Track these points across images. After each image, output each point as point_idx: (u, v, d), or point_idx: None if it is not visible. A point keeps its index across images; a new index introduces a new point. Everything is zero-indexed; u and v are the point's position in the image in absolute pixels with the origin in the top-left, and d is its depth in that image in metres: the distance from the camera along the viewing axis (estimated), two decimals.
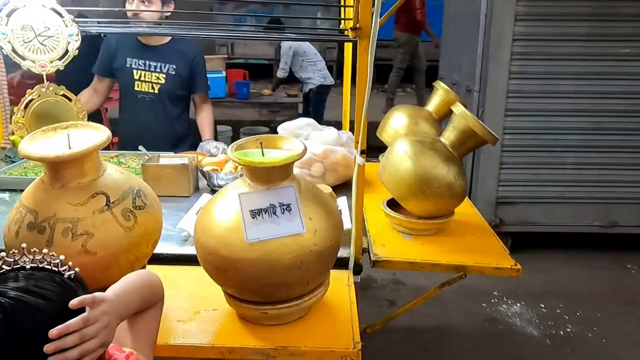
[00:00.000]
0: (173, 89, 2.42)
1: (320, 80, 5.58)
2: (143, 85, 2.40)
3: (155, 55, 2.37)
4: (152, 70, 2.35)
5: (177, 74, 2.40)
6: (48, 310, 0.73)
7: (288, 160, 1.04)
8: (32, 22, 1.23)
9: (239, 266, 1.03)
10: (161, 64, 2.37)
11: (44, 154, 1.04)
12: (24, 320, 0.71)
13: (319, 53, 5.64)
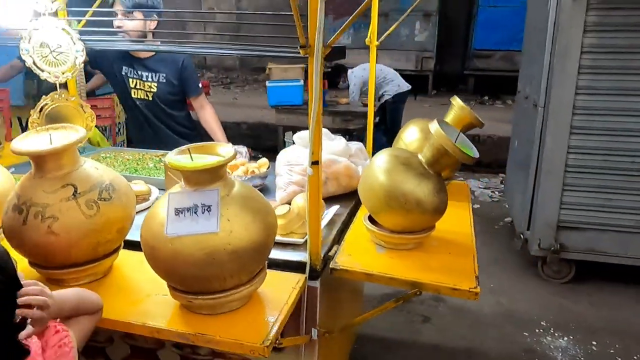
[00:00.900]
0: (165, 95, 2.64)
1: (395, 89, 5.62)
2: (139, 93, 2.65)
3: (145, 66, 2.60)
4: (145, 79, 2.60)
5: (167, 81, 2.62)
6: None
7: (209, 165, 1.16)
8: (48, 40, 1.49)
9: (160, 256, 1.17)
10: (152, 74, 2.60)
11: (26, 149, 1.27)
12: None
13: (384, 66, 5.71)
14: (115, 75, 2.65)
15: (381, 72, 5.69)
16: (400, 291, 3.33)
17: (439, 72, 9.33)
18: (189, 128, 2.79)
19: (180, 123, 2.75)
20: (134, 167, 2.28)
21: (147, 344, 1.76)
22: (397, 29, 9.35)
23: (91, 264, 1.37)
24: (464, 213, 1.98)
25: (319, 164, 1.39)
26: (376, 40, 2.38)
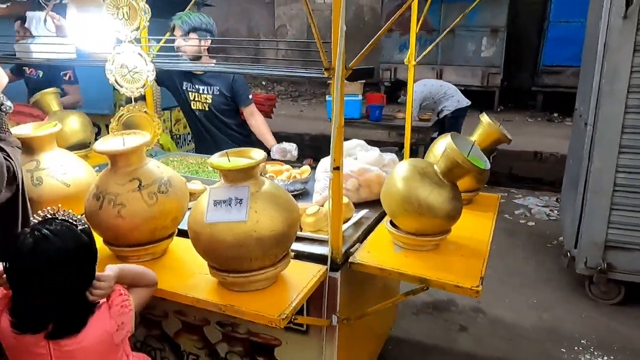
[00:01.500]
0: (219, 105, 2.97)
1: (455, 104, 5.68)
2: (197, 104, 3.00)
3: (201, 80, 2.94)
4: (201, 92, 2.94)
5: (220, 93, 2.95)
6: (58, 244, 1.24)
7: (241, 166, 1.42)
8: (127, 62, 1.84)
9: (201, 239, 1.44)
10: (207, 87, 2.94)
11: (104, 149, 1.60)
12: (44, 247, 1.22)
13: (444, 82, 5.79)
14: (178, 91, 3.03)
15: (441, 87, 5.79)
16: (437, 299, 3.43)
17: (506, 88, 9.20)
18: (242, 134, 3.11)
19: (234, 130, 3.08)
20: (195, 169, 2.62)
21: (195, 321, 2.05)
22: (463, 45, 9.38)
23: (150, 245, 1.67)
24: (487, 222, 2.10)
25: (339, 169, 1.61)
26: (414, 60, 2.54)
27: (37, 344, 1.23)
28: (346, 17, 3.01)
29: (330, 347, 1.82)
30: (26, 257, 1.18)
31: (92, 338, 1.26)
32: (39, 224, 1.24)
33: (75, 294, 1.24)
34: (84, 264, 1.27)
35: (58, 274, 1.20)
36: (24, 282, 1.20)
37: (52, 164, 1.79)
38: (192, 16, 2.70)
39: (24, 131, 1.80)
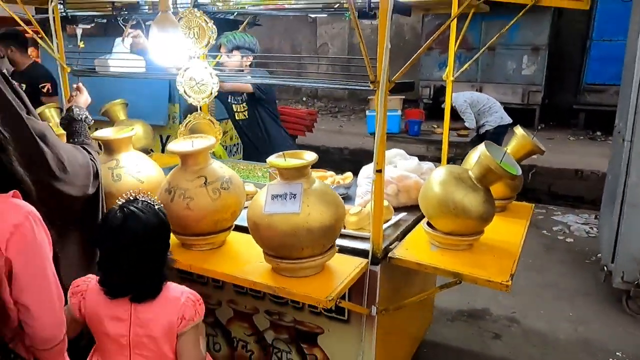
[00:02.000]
0: (252, 112, 3.22)
1: (498, 121, 5.73)
2: (239, 115, 3.27)
3: (241, 93, 3.19)
4: (240, 102, 3.19)
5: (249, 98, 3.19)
6: (144, 220, 1.47)
7: (295, 165, 1.62)
8: (195, 75, 2.09)
9: (259, 228, 1.65)
10: (243, 96, 3.20)
11: (176, 149, 1.85)
12: (132, 222, 1.46)
13: (491, 98, 5.84)
14: (226, 103, 3.30)
15: (488, 100, 5.82)
16: (472, 308, 3.51)
17: (548, 106, 9.16)
18: (281, 140, 3.37)
19: (273, 136, 3.35)
20: (246, 174, 2.86)
21: (246, 309, 2.25)
22: (504, 63, 9.42)
23: (212, 235, 1.90)
24: (519, 228, 2.23)
25: (381, 172, 1.80)
26: (452, 76, 2.70)
27: (122, 307, 1.46)
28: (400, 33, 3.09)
29: (369, 336, 1.98)
30: (117, 230, 1.42)
31: (161, 317, 1.48)
32: (125, 203, 1.48)
33: (154, 264, 1.47)
34: (162, 237, 1.50)
35: (143, 244, 1.43)
36: (115, 252, 1.43)
37: (129, 163, 2.05)
38: (236, 36, 2.96)
39: (106, 134, 2.07)
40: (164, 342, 1.47)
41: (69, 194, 1.58)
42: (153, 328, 1.46)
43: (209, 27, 2.01)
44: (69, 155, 1.62)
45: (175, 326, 1.47)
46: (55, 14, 2.34)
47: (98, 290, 1.48)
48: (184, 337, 1.48)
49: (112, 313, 1.46)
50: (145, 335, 1.46)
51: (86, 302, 1.49)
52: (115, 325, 1.46)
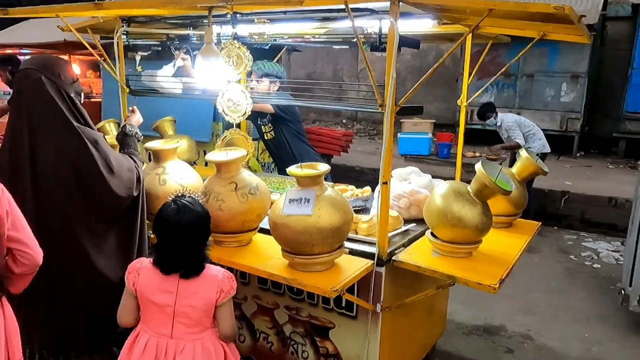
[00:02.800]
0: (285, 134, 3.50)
1: (540, 148, 5.79)
2: (267, 135, 3.58)
3: (267, 114, 3.49)
4: (267, 124, 3.47)
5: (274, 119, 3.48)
6: (193, 210, 1.80)
7: (309, 174, 1.91)
8: (232, 97, 2.43)
9: (278, 227, 1.94)
10: (269, 117, 3.48)
11: (213, 159, 2.17)
12: (185, 213, 1.79)
13: (536, 126, 5.96)
14: (256, 125, 3.64)
15: (534, 126, 5.91)
16: (489, 324, 3.65)
17: (588, 134, 9.11)
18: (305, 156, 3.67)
19: (298, 153, 3.64)
20: (276, 186, 3.17)
21: (268, 305, 2.53)
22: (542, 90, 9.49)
23: (240, 234, 2.20)
24: (519, 242, 2.42)
25: (387, 184, 2.05)
26: (465, 101, 2.93)
27: (171, 282, 1.78)
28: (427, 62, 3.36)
29: (374, 332, 2.21)
30: (172, 219, 1.77)
31: (203, 291, 1.79)
32: (177, 198, 1.83)
33: (200, 247, 1.81)
34: (206, 225, 1.86)
35: (191, 231, 1.78)
36: (170, 237, 1.77)
37: (173, 170, 2.40)
38: (266, 64, 3.30)
39: (156, 145, 2.44)
40: (203, 312, 1.79)
41: (116, 193, 1.93)
42: (195, 300, 1.78)
43: (246, 56, 2.35)
44: (117, 161, 1.98)
45: (214, 299, 1.79)
46: (119, 43, 2.76)
47: (150, 269, 1.81)
48: (222, 307, 1.81)
49: (162, 287, 1.79)
50: (188, 306, 1.78)
51: (139, 279, 1.82)
52: (163, 297, 1.78)
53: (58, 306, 1.99)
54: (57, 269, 1.90)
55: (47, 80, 1.86)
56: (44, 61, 1.97)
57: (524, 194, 2.59)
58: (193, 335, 1.80)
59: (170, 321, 1.79)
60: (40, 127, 1.86)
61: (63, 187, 1.88)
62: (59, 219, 1.90)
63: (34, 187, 1.87)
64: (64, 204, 1.89)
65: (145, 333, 1.82)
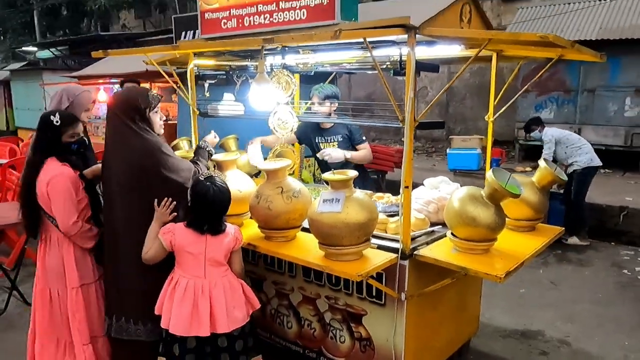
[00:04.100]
0: (343, 147, 3.82)
1: (587, 162, 5.80)
2: None
3: (329, 133, 3.84)
4: (329, 141, 3.83)
5: (343, 139, 3.82)
6: (222, 186, 2.35)
7: (339, 179, 2.30)
8: (281, 116, 2.88)
9: (314, 223, 2.34)
10: (333, 137, 3.84)
11: (263, 167, 2.63)
12: (220, 193, 2.33)
13: (582, 139, 5.98)
14: (312, 145, 4.06)
15: (579, 140, 5.95)
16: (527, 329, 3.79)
17: None
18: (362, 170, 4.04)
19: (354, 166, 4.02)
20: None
21: (311, 295, 2.92)
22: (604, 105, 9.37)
23: (285, 230, 2.62)
24: (535, 243, 2.65)
25: (408, 188, 2.40)
26: (492, 116, 3.21)
27: (202, 238, 2.35)
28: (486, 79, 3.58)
29: (400, 318, 2.54)
30: (211, 196, 2.33)
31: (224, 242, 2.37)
32: (209, 177, 2.40)
33: (223, 214, 2.38)
34: (229, 198, 2.41)
35: (220, 201, 2.35)
36: (204, 206, 2.33)
37: (233, 178, 2.87)
38: (325, 87, 3.73)
39: (218, 157, 2.93)
40: (224, 256, 2.40)
41: (176, 181, 2.46)
42: (220, 248, 2.38)
43: (293, 82, 2.80)
44: (174, 159, 2.51)
45: (231, 246, 2.41)
46: (191, 73, 3.32)
47: (184, 229, 2.37)
48: (236, 252, 2.48)
49: (196, 240, 2.35)
50: (215, 252, 2.36)
51: (176, 237, 2.35)
52: (197, 248, 2.35)
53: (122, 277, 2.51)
54: (125, 249, 2.48)
55: (117, 107, 2.50)
56: (121, 95, 2.59)
57: (544, 200, 2.82)
58: (220, 274, 2.39)
59: (202, 265, 2.35)
60: (116, 136, 2.49)
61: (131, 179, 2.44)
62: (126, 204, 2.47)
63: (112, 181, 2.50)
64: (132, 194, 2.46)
65: (183, 278, 2.36)
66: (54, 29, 19.86)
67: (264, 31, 2.72)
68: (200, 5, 3.00)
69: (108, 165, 2.50)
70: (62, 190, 2.49)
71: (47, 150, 2.56)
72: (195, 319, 2.31)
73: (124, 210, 2.48)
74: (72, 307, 2.51)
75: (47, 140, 2.57)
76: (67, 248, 2.57)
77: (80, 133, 2.66)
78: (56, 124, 2.55)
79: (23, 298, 4.09)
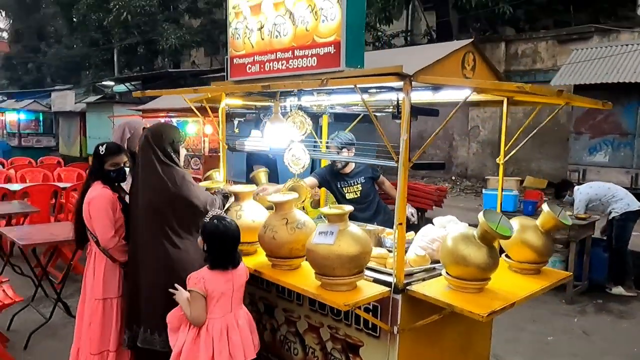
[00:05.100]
0: (366, 189, 3.95)
1: (624, 208, 5.66)
2: (350, 195, 4.08)
3: (351, 177, 3.99)
4: (352, 184, 3.98)
5: (365, 180, 3.95)
6: (232, 225, 2.57)
7: (334, 213, 2.47)
8: (295, 153, 3.11)
9: (309, 252, 2.51)
10: (356, 179, 3.99)
11: (271, 199, 2.84)
12: (227, 226, 2.54)
13: (613, 185, 5.88)
14: (333, 190, 4.23)
15: (609, 190, 5.88)
16: None
17: None
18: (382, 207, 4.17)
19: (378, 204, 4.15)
20: None
21: (316, 323, 3.05)
22: None
23: (289, 259, 2.80)
24: (533, 286, 2.66)
25: (402, 225, 2.52)
26: (503, 159, 3.26)
27: (229, 275, 2.56)
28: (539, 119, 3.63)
29: (393, 351, 2.61)
30: (218, 228, 2.55)
31: (243, 272, 2.58)
32: (218, 216, 2.62)
33: (236, 245, 2.58)
34: (237, 230, 2.60)
35: (231, 233, 2.55)
36: (218, 242, 2.55)
37: (248, 208, 3.11)
38: (341, 135, 3.92)
39: (237, 189, 3.19)
40: (244, 286, 2.64)
41: (197, 206, 2.77)
42: (241, 279, 2.62)
43: (307, 122, 3.04)
44: (197, 188, 2.83)
45: (246, 277, 2.65)
46: (222, 112, 3.65)
47: (210, 272, 2.56)
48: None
49: (225, 279, 2.56)
50: (239, 284, 2.60)
51: (206, 282, 2.53)
52: (227, 286, 2.56)
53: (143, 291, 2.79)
54: (144, 262, 2.77)
55: (151, 138, 2.82)
56: (155, 126, 2.90)
57: (548, 244, 2.82)
58: (241, 305, 2.63)
59: (230, 300, 2.57)
60: (144, 168, 2.81)
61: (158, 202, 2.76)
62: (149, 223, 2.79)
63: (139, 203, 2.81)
64: (156, 215, 2.77)
65: (215, 320, 2.54)
66: (131, 66, 21.65)
67: (281, 76, 2.99)
68: (230, 52, 3.34)
69: (137, 188, 2.85)
70: (100, 209, 2.90)
71: (95, 175, 2.97)
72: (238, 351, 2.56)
73: (148, 229, 2.78)
74: (89, 317, 2.81)
75: (95, 166, 2.97)
76: (99, 262, 2.91)
77: (122, 163, 3.02)
78: (101, 154, 2.96)
79: (67, 310, 4.49)
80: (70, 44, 24.26)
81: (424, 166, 2.56)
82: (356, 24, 2.66)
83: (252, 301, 3.34)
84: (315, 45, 2.77)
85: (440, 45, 2.89)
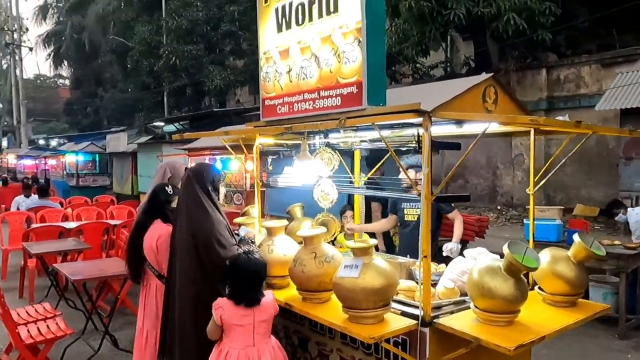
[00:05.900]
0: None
1: None
2: (409, 217, 4.11)
3: (416, 200, 3.98)
4: (414, 207, 4.01)
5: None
6: (259, 259, 2.67)
7: (357, 247, 2.54)
8: (324, 188, 3.21)
9: (335, 285, 2.58)
10: (418, 203, 3.96)
11: (300, 234, 2.94)
12: (255, 261, 2.66)
13: None
14: (396, 209, 4.29)
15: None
16: None
17: None
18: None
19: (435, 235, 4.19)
20: None
21: (347, 357, 3.08)
22: None
23: (318, 292, 2.87)
24: (567, 319, 2.60)
25: (427, 257, 2.55)
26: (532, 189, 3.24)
27: (249, 311, 2.63)
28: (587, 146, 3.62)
29: None
30: (248, 266, 2.64)
31: (267, 308, 2.64)
32: (248, 252, 2.71)
33: (260, 282, 2.65)
34: (266, 269, 2.69)
35: (259, 273, 2.63)
36: (244, 279, 2.63)
37: (279, 243, 3.22)
38: (410, 157, 4.02)
39: (270, 224, 3.31)
40: (269, 322, 2.67)
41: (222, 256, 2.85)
42: (265, 315, 2.68)
43: (334, 158, 3.15)
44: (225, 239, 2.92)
45: (273, 312, 2.69)
46: (257, 151, 3.83)
47: (230, 304, 2.67)
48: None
49: (243, 313, 2.64)
50: (262, 320, 2.65)
51: (224, 312, 2.65)
52: (245, 320, 2.64)
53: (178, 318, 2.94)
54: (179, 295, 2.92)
55: (193, 177, 2.98)
56: (197, 166, 3.08)
57: (581, 276, 2.76)
58: (266, 340, 2.68)
59: (251, 334, 2.63)
60: (187, 205, 2.95)
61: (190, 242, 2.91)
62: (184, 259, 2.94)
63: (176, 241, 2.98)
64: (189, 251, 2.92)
65: (233, 349, 2.62)
66: (180, 106, 22.74)
67: (308, 115, 3.13)
68: (262, 94, 3.53)
69: (177, 224, 3.01)
70: (169, 245, 3.08)
71: (155, 213, 3.19)
72: None
73: (183, 264, 2.94)
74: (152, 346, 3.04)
75: (158, 205, 3.19)
76: (160, 295, 3.09)
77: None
78: (169, 194, 3.21)
79: (115, 342, 4.70)
80: (124, 88, 25.90)
81: (447, 199, 2.60)
82: (376, 64, 2.78)
83: (287, 334, 3.41)
84: (339, 85, 2.91)
85: (461, 80, 2.96)
